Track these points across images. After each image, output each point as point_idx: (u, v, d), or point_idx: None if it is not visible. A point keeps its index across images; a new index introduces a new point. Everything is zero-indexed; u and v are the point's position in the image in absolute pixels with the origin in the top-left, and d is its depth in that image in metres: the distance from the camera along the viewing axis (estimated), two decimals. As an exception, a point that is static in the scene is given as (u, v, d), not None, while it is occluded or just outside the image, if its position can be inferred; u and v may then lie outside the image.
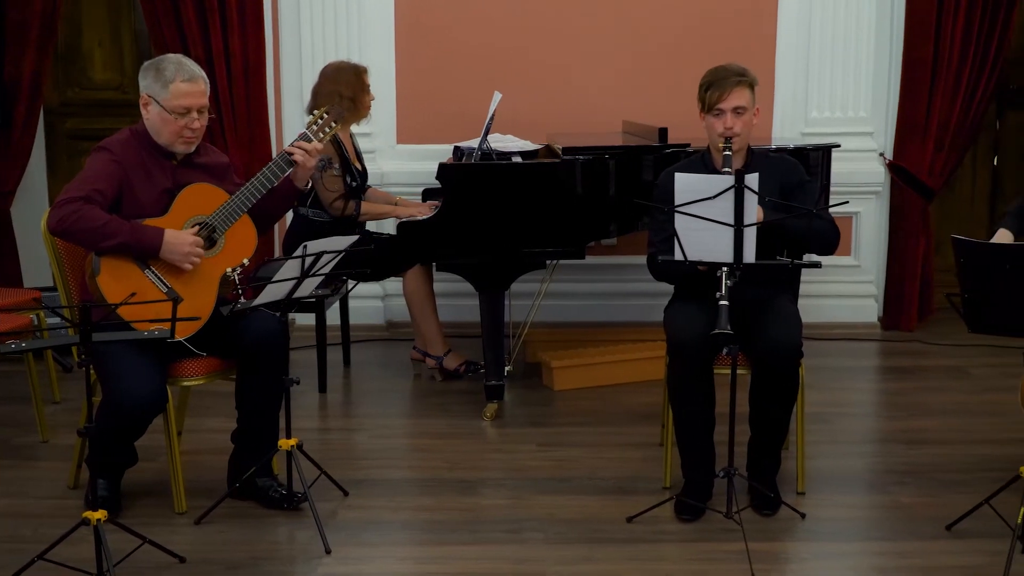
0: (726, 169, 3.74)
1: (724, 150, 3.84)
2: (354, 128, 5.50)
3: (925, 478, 4.23)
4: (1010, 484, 3.66)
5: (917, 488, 4.14)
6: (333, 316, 5.59)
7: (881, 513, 3.99)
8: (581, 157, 4.81)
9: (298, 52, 6.14)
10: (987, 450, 4.48)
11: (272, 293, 3.66)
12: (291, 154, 3.91)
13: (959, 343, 5.90)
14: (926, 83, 6.18)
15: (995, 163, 7.22)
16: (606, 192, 4.89)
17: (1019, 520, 3.47)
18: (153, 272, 3.73)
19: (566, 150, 4.86)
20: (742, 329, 3.73)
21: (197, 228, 3.78)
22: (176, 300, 3.29)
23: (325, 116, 4.03)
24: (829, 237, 3.93)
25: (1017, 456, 3.96)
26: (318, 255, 3.66)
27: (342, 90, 5.19)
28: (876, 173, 6.37)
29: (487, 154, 5.10)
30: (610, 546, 3.65)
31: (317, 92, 5.27)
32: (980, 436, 4.66)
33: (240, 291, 3.79)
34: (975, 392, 5.30)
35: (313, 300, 4.47)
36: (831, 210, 3.99)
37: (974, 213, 7.23)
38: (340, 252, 3.75)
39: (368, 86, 5.31)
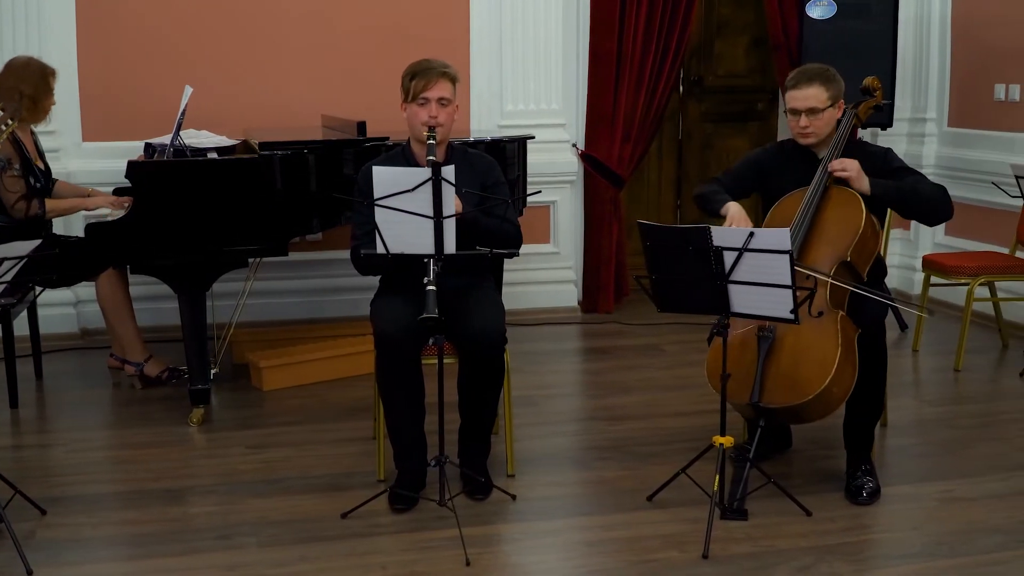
0: (430, 158, 3.78)
1: (428, 139, 3.88)
2: (35, 127, 5.20)
3: (626, 452, 4.42)
4: (704, 453, 3.88)
5: (619, 462, 4.32)
6: (21, 326, 5.26)
7: (587, 489, 4.15)
8: (280, 152, 4.74)
9: (-31, 47, 5.74)
10: (681, 422, 4.73)
11: (-52, 304, 3.41)
12: None
13: (652, 322, 6.20)
14: (612, 76, 6.45)
15: (679, 151, 7.64)
16: (307, 187, 4.84)
17: (715, 487, 3.69)
18: None
19: (264, 145, 4.77)
20: (447, 318, 3.78)
21: None
22: None
23: (0, 114, 3.80)
24: (514, 242, 4.04)
25: (709, 426, 4.19)
26: (-3, 262, 3.43)
27: (23, 87, 4.93)
28: (570, 163, 6.60)
29: (180, 151, 4.93)
30: (325, 544, 3.62)
31: None
32: (674, 409, 4.92)
33: (-89, 304, 3.52)
34: (668, 368, 5.59)
35: (-4, 310, 4.20)
36: (529, 199, 4.11)
37: (661, 199, 7.64)
38: (21, 258, 3.53)
39: (52, 90, 5.07)
